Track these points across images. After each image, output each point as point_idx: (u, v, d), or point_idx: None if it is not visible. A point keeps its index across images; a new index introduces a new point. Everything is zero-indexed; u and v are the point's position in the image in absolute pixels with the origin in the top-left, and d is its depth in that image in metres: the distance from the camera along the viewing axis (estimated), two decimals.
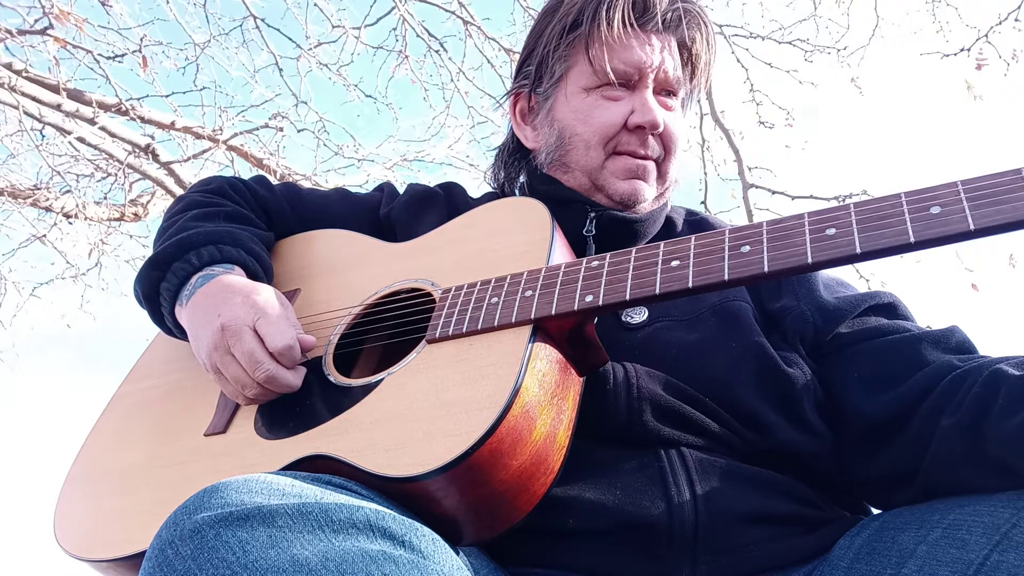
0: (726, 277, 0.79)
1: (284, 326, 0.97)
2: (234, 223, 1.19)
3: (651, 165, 1.14)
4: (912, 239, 0.70)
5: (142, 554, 0.67)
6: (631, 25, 1.12)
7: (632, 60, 1.12)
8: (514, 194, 1.29)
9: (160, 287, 1.09)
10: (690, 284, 0.81)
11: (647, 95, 1.13)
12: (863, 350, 1.02)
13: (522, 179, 1.28)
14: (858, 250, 0.73)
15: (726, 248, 0.81)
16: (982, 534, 0.74)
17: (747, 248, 0.80)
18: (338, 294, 1.12)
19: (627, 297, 0.83)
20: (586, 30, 1.13)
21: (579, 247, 1.10)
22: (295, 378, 0.97)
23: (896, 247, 0.71)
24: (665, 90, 1.16)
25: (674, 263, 0.83)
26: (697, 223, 1.25)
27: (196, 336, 1.01)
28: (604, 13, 1.11)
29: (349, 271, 1.16)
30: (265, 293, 1.02)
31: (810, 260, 0.75)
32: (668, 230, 1.21)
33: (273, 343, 0.95)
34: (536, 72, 1.21)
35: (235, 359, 0.96)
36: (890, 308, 1.08)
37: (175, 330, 1.11)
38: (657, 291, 0.82)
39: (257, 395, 0.96)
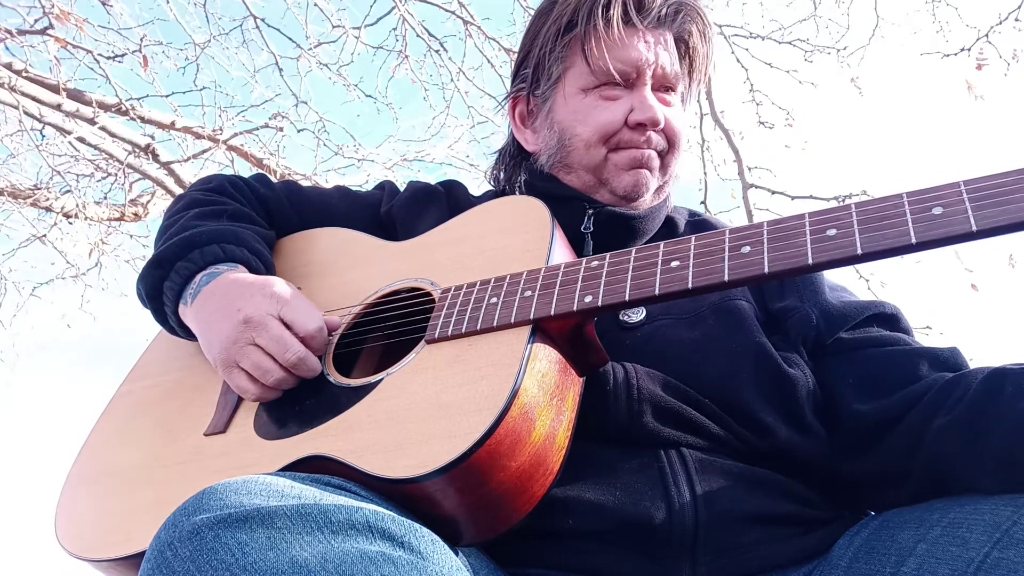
0: (726, 278, 0.79)
1: (310, 310, 0.99)
2: (236, 222, 1.18)
3: (655, 156, 1.14)
4: (914, 240, 0.70)
5: (143, 554, 0.67)
6: (627, 23, 1.11)
7: (629, 59, 1.11)
8: (515, 194, 1.29)
9: (163, 286, 1.09)
10: (690, 285, 0.80)
11: (646, 92, 1.12)
12: (861, 357, 1.03)
13: (523, 180, 1.28)
14: (859, 251, 0.72)
15: (726, 248, 0.81)
16: (982, 532, 0.74)
17: (747, 248, 0.80)
18: (338, 293, 1.12)
19: (626, 298, 0.83)
20: (582, 31, 1.12)
21: (577, 244, 1.09)
22: (318, 363, 0.98)
23: (898, 248, 0.71)
24: (664, 86, 1.16)
25: (674, 263, 0.83)
26: (699, 224, 1.24)
27: (208, 332, 1.01)
28: (600, 12, 1.11)
29: (349, 270, 1.16)
30: (280, 284, 1.02)
31: (811, 261, 0.75)
32: (669, 229, 1.21)
33: (304, 327, 0.96)
34: (533, 75, 1.21)
35: (259, 348, 0.96)
36: (892, 319, 1.08)
37: (179, 329, 1.11)
38: (656, 292, 0.82)
39: (277, 382, 0.96)
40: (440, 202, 1.26)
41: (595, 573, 0.87)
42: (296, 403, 0.96)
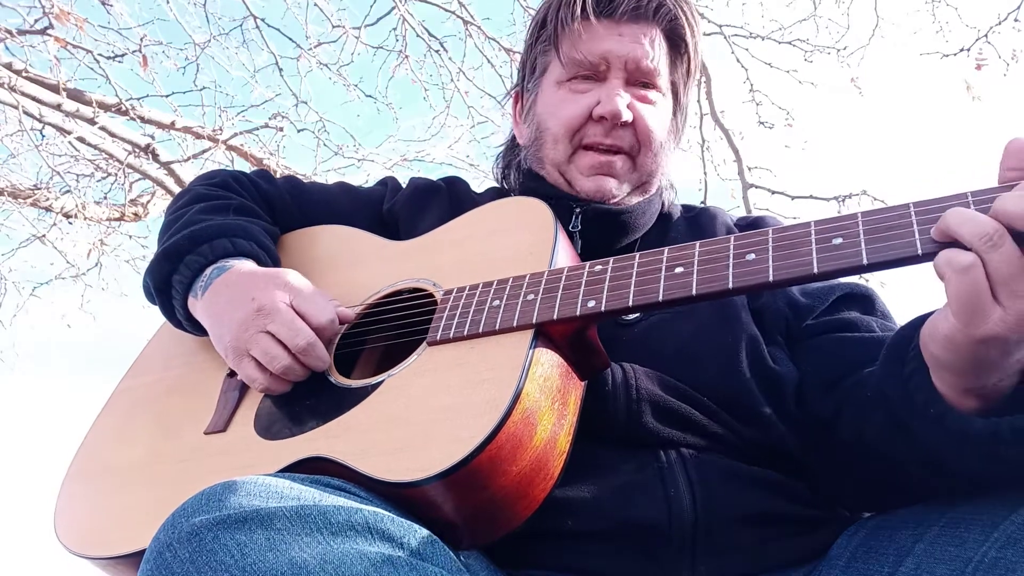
0: (730, 285, 0.78)
1: (323, 302, 0.99)
2: (242, 216, 1.18)
3: (619, 159, 1.12)
4: (920, 251, 0.69)
5: (142, 552, 0.67)
6: (596, 15, 1.10)
7: (596, 50, 1.10)
8: (513, 190, 1.29)
9: (172, 279, 1.08)
10: (693, 292, 0.79)
11: (614, 85, 1.10)
12: (817, 344, 1.02)
13: (513, 176, 1.28)
14: (865, 261, 0.71)
15: (731, 256, 0.80)
16: (980, 531, 0.74)
17: (752, 256, 0.79)
18: (340, 292, 1.11)
19: (630, 303, 0.82)
20: (555, 23, 1.12)
21: None
22: (327, 352, 0.97)
23: (904, 259, 0.70)
24: (641, 81, 1.13)
25: (678, 270, 0.83)
26: (694, 218, 1.22)
27: (220, 322, 1.01)
28: (569, 6, 1.10)
29: (351, 269, 1.15)
30: (294, 275, 1.02)
31: (816, 270, 0.74)
32: (664, 224, 1.20)
33: (317, 319, 0.96)
34: (525, 69, 1.23)
35: (269, 335, 0.95)
36: (864, 300, 1.06)
37: (186, 323, 1.10)
38: (660, 298, 0.81)
39: (284, 369, 0.95)
40: (441, 198, 1.26)
41: (595, 574, 0.86)
42: (297, 403, 0.96)
